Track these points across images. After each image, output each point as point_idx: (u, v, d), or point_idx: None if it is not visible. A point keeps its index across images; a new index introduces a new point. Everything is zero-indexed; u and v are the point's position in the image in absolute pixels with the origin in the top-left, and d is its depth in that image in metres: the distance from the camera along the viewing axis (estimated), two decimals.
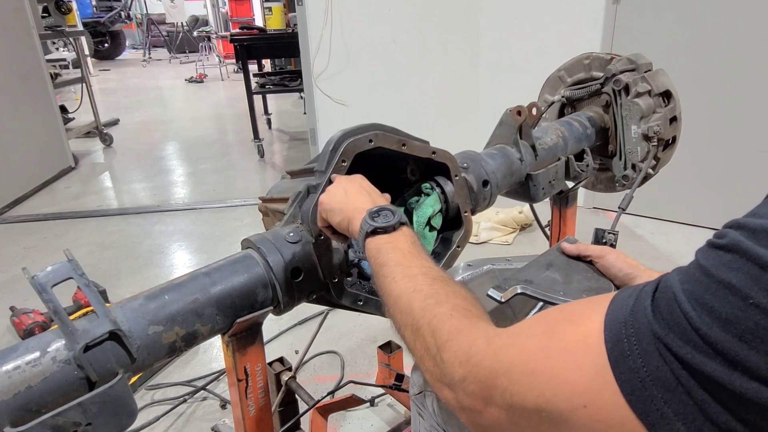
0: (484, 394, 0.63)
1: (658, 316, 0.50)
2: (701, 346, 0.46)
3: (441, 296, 0.78)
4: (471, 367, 0.65)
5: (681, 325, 0.48)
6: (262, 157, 6.06)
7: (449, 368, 0.68)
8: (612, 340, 0.53)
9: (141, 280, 3.45)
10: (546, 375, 0.57)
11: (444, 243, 1.50)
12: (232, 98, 10.26)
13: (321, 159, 1.20)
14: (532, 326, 0.65)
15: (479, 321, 0.72)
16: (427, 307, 0.77)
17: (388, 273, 0.87)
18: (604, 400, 0.52)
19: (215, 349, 2.74)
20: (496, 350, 0.64)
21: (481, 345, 0.66)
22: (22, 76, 5.18)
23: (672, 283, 0.51)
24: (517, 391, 0.59)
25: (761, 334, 0.43)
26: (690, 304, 0.48)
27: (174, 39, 16.93)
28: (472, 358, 0.65)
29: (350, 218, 1.02)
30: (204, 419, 2.32)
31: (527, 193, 1.69)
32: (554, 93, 2.02)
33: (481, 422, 0.65)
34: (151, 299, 0.98)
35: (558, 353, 0.58)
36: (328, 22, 4.19)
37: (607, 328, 0.54)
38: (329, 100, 4.42)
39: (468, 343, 0.67)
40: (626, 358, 0.51)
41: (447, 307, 0.75)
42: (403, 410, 2.25)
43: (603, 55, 1.93)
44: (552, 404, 0.56)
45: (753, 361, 0.43)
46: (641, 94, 1.79)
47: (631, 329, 0.52)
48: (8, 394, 0.79)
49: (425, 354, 0.74)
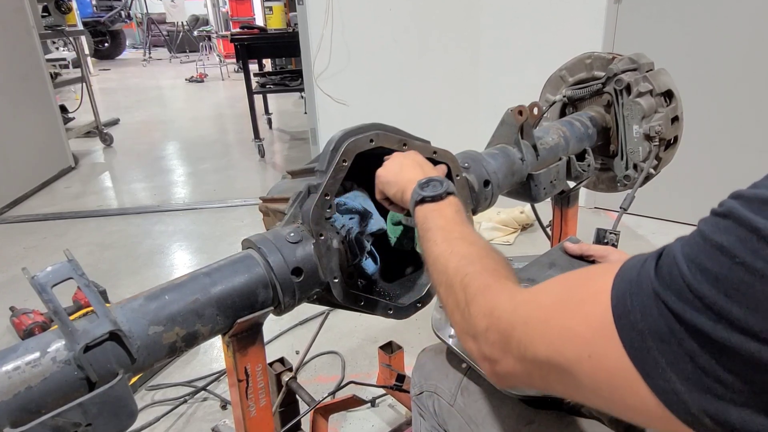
0: (503, 344, 0.70)
1: (659, 276, 0.54)
2: (693, 301, 0.50)
3: (474, 258, 0.86)
4: (493, 320, 0.72)
5: (677, 283, 0.52)
6: (262, 156, 6.07)
7: (474, 320, 0.75)
8: (617, 297, 0.57)
9: (141, 281, 3.45)
10: (557, 327, 0.63)
11: None
12: (233, 98, 10.27)
13: (322, 159, 1.20)
14: (552, 285, 0.70)
15: (506, 280, 0.79)
16: (461, 267, 0.84)
17: (431, 237, 0.96)
18: (606, 350, 0.57)
19: (216, 349, 2.74)
20: (516, 305, 0.70)
21: (504, 300, 0.73)
22: (21, 76, 5.19)
23: (674, 247, 0.56)
24: (530, 341, 0.65)
25: (744, 290, 0.47)
26: (686, 264, 0.52)
27: (174, 38, 16.95)
28: (495, 311, 0.72)
29: (403, 189, 1.11)
30: (204, 420, 2.32)
31: (528, 193, 1.68)
32: (555, 92, 2.02)
33: (499, 371, 0.72)
34: (152, 299, 0.98)
35: (570, 308, 0.63)
36: (329, 22, 4.19)
37: (615, 287, 0.58)
38: (330, 99, 4.42)
39: (493, 298, 0.74)
40: (628, 314, 0.55)
41: (478, 267, 0.82)
42: (404, 411, 2.25)
43: (604, 54, 1.93)
44: (560, 354, 0.61)
45: (736, 315, 0.47)
46: (643, 93, 1.79)
47: (635, 288, 0.56)
48: (8, 395, 0.79)
49: (455, 309, 0.81)
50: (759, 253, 0.47)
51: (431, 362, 1.36)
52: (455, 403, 1.23)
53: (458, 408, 1.22)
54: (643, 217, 4.03)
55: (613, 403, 0.59)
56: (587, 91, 1.92)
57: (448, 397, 1.25)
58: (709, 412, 0.50)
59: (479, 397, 1.19)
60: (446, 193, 1.03)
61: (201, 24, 16.35)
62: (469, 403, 1.20)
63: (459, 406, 1.22)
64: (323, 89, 4.40)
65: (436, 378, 1.30)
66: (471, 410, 1.19)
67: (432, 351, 1.40)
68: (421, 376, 1.36)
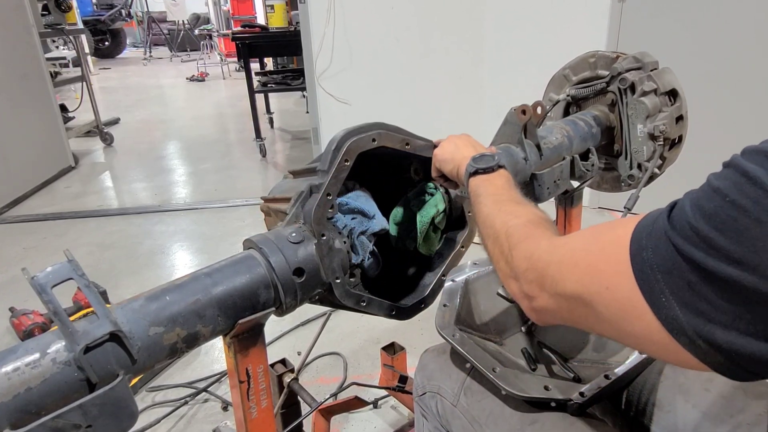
0: (539, 282, 0.79)
1: (670, 219, 0.62)
2: (692, 236, 0.58)
3: (520, 213, 0.97)
4: (533, 262, 0.81)
5: (682, 224, 0.60)
6: (264, 156, 6.07)
7: (516, 262, 0.85)
8: (634, 239, 0.65)
9: (142, 281, 3.45)
10: (584, 265, 0.72)
11: (448, 243, 1.50)
12: (234, 97, 10.27)
13: (324, 158, 1.20)
14: (584, 232, 0.79)
15: (546, 230, 0.89)
16: (506, 221, 0.95)
17: (482, 201, 1.07)
18: (621, 283, 0.65)
19: (217, 350, 2.74)
20: (552, 248, 0.80)
21: (543, 245, 0.82)
22: (21, 75, 5.19)
23: (685, 196, 0.64)
24: (562, 278, 0.75)
25: (731, 224, 0.55)
26: (690, 206, 0.60)
27: (175, 37, 16.95)
28: (534, 254, 0.82)
29: (459, 165, 1.24)
30: (205, 421, 2.32)
31: (532, 193, 1.68)
32: (559, 92, 2.01)
33: (535, 306, 0.81)
34: (152, 300, 0.98)
35: (596, 249, 0.72)
36: (331, 21, 4.18)
37: (634, 231, 0.66)
38: (332, 98, 4.42)
39: (533, 244, 0.84)
40: (641, 251, 0.63)
41: (523, 220, 0.93)
42: (407, 412, 2.25)
43: (608, 53, 1.92)
44: (585, 288, 0.70)
45: (723, 245, 0.55)
46: (647, 92, 1.79)
47: (650, 230, 0.64)
48: (7, 396, 0.79)
49: (500, 257, 0.91)
50: (746, 192, 0.55)
51: (434, 362, 1.36)
52: (458, 404, 1.23)
53: (461, 408, 1.22)
54: None
55: (624, 332, 0.67)
56: (591, 90, 1.92)
57: (451, 397, 1.25)
58: (701, 334, 0.57)
59: (482, 397, 1.19)
60: (497, 166, 1.15)
61: (202, 22, 16.35)
62: (473, 403, 1.20)
63: (462, 406, 1.22)
64: (325, 88, 4.40)
65: (439, 378, 1.30)
66: (474, 410, 1.19)
67: (435, 351, 1.40)
68: (424, 376, 1.36)
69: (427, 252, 1.45)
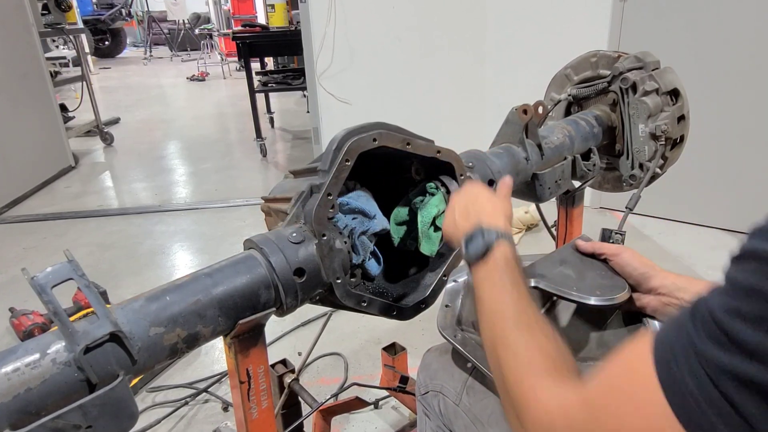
0: None
1: (698, 334, 0.52)
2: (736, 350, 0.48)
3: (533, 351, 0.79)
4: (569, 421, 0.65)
5: (717, 336, 0.50)
6: (264, 156, 6.07)
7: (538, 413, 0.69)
8: (662, 370, 0.55)
9: (142, 281, 3.46)
10: None
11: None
12: (234, 97, 10.27)
13: (324, 158, 1.20)
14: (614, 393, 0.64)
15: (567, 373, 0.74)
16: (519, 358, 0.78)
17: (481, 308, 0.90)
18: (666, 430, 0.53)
19: (217, 350, 2.74)
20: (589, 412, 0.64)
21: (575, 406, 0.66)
22: (21, 75, 5.19)
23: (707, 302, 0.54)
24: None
25: None
26: (722, 314, 0.50)
27: (175, 37, 16.95)
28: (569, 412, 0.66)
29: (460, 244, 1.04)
30: (206, 422, 2.32)
31: (533, 193, 1.68)
32: (561, 91, 2.01)
33: None
34: (152, 300, 0.97)
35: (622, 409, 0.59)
36: (332, 20, 4.19)
37: (657, 362, 0.56)
38: (333, 98, 4.42)
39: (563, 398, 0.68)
40: (677, 384, 0.53)
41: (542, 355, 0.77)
42: (408, 413, 2.25)
43: (610, 53, 1.92)
44: None
45: None
46: (649, 92, 1.79)
47: (676, 354, 0.54)
48: (7, 397, 0.79)
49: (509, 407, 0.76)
50: None
51: (437, 362, 1.36)
52: (461, 403, 1.23)
53: (464, 407, 1.22)
54: (649, 217, 4.02)
55: None
56: (593, 89, 1.92)
57: (454, 396, 1.25)
58: None
59: (484, 396, 1.19)
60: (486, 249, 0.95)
61: (202, 22, 16.36)
62: (475, 402, 1.20)
63: (465, 405, 1.22)
64: (326, 88, 4.40)
65: (442, 378, 1.30)
66: (476, 409, 1.19)
67: (437, 351, 1.40)
68: (427, 375, 1.36)
69: (429, 252, 1.45)
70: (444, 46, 4.40)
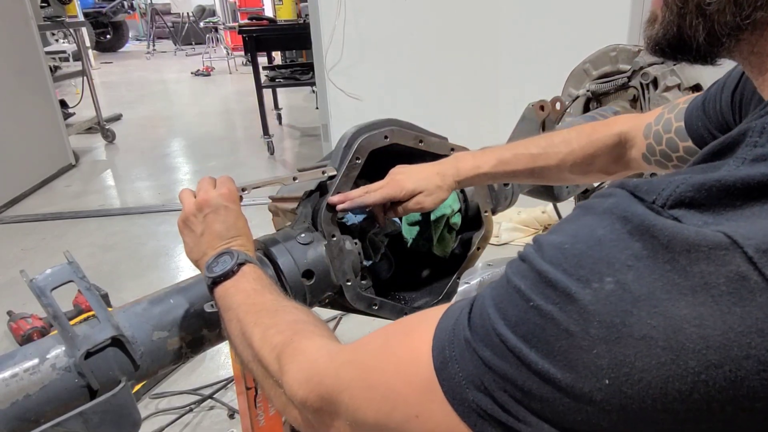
0: (330, 410, 0.67)
1: (471, 323, 0.55)
2: (498, 346, 0.50)
3: (282, 326, 0.82)
4: (314, 386, 0.69)
5: (486, 329, 0.52)
6: (272, 154, 6.07)
7: (294, 390, 0.71)
8: (437, 349, 0.57)
9: (145, 284, 3.46)
10: (381, 389, 0.61)
11: (463, 244, 1.49)
12: (241, 92, 10.29)
13: (334, 156, 1.20)
14: (371, 341, 0.68)
15: (320, 338, 0.77)
16: (267, 338, 0.80)
17: (233, 316, 0.89)
18: (433, 408, 0.56)
19: (223, 355, 2.75)
20: (337, 367, 0.68)
21: (323, 363, 0.70)
22: (20, 69, 5.22)
23: (485, 292, 0.56)
24: (358, 406, 0.63)
25: (538, 333, 0.47)
26: (493, 308, 0.53)
27: (179, 30, 17.01)
28: (315, 376, 0.69)
29: (201, 267, 1.00)
30: (211, 429, 2.33)
31: (551, 192, 1.68)
32: (579, 87, 2.01)
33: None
34: (156, 303, 0.98)
35: (392, 369, 0.61)
36: (342, 13, 4.18)
37: (435, 338, 0.58)
38: (342, 94, 4.42)
39: (309, 363, 0.72)
40: (446, 365, 0.55)
41: (288, 334, 0.79)
42: None
43: (630, 46, 1.91)
44: (389, 417, 0.60)
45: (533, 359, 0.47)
46: (670, 87, 1.78)
47: (451, 337, 0.56)
48: (5, 404, 0.80)
49: (272, 384, 0.78)
50: (548, 296, 0.48)
51: None
52: None
53: None
54: None
55: None
56: (612, 85, 1.91)
57: None
58: None
59: None
60: (237, 265, 0.94)
61: (207, 15, 16.41)
62: None
63: None
64: (335, 83, 4.40)
65: None
66: None
67: None
68: None
69: (442, 253, 1.45)
70: (458, 39, 4.38)
